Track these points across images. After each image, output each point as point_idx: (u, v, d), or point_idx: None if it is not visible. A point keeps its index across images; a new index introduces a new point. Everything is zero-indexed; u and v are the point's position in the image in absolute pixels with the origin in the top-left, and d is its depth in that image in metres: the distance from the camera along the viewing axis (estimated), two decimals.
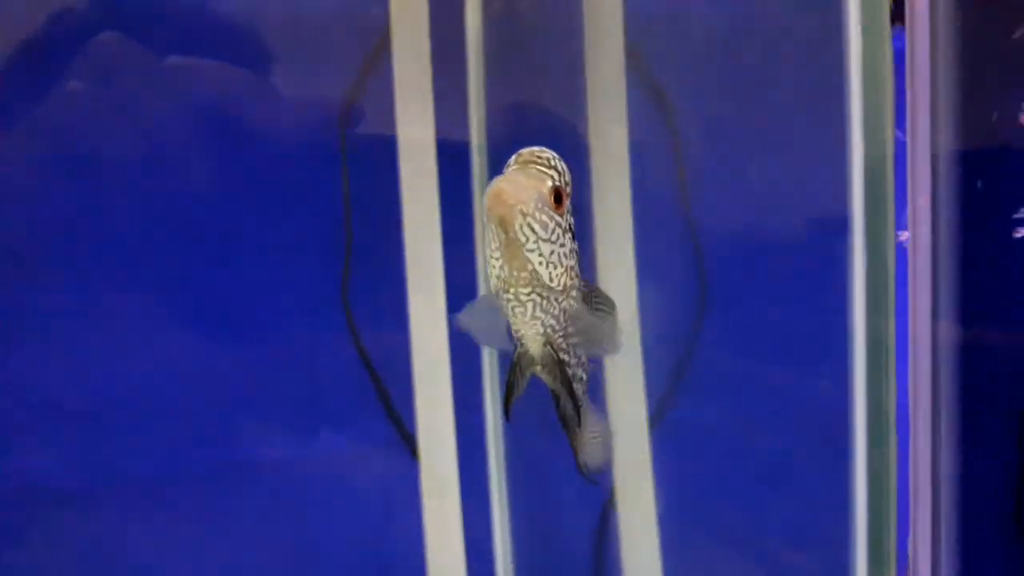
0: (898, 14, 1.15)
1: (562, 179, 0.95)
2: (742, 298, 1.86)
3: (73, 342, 1.97)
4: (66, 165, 2.09)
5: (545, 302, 0.95)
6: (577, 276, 0.97)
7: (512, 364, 1.03)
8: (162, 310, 2.18)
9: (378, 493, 2.26)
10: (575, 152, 1.99)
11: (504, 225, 0.89)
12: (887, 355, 1.40)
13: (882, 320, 1.32)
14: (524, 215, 0.89)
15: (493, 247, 0.94)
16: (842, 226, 1.34)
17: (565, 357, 1.01)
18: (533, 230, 0.90)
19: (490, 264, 0.96)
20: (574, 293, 0.97)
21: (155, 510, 2.14)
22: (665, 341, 2.00)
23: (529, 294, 0.94)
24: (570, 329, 0.99)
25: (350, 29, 2.07)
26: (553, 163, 0.94)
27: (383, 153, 2.01)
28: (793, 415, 1.78)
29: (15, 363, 1.99)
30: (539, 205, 0.90)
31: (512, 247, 0.90)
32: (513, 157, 0.95)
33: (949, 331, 1.42)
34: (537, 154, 0.94)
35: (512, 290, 0.94)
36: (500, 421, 2.26)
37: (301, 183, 2.14)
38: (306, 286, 2.16)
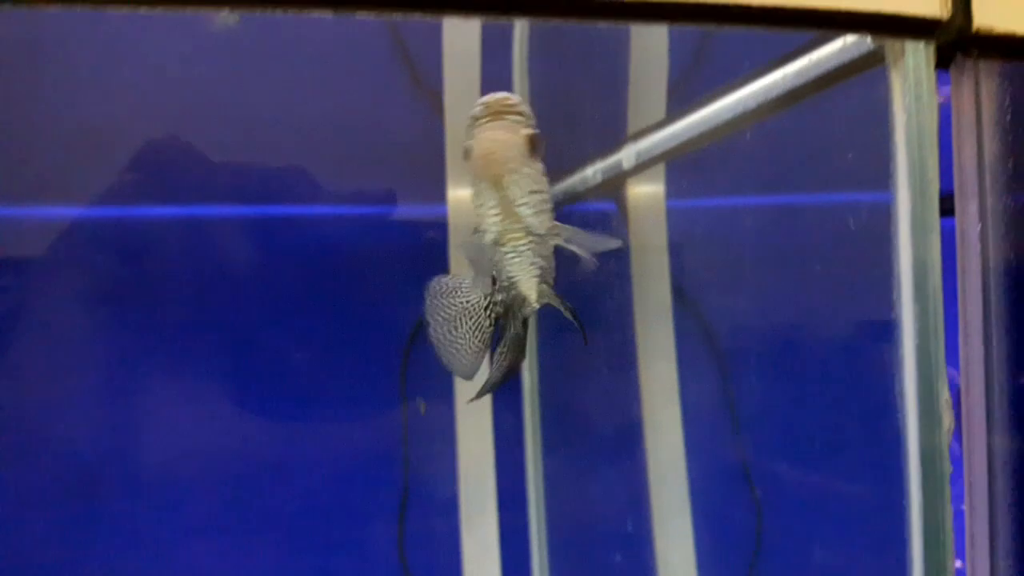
0: (947, 209, 1.12)
1: (531, 124, 0.97)
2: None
3: None
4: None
5: (538, 247, 1.01)
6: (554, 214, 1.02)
7: (507, 311, 1.05)
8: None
9: None
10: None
11: (499, 184, 0.92)
12: None
13: None
14: (516, 172, 0.92)
15: (489, 205, 0.96)
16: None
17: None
18: (526, 186, 0.94)
19: (486, 220, 0.98)
20: (556, 231, 1.03)
21: None
22: None
23: (527, 243, 0.99)
24: (571, 245, 1.04)
25: None
26: (520, 108, 0.96)
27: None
28: None
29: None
30: (526, 159, 0.93)
31: (507, 202, 0.94)
32: (481, 106, 0.97)
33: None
34: (505, 102, 0.95)
35: (510, 243, 0.98)
36: None
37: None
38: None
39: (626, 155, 1.81)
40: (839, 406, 1.63)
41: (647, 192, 2.25)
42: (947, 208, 1.14)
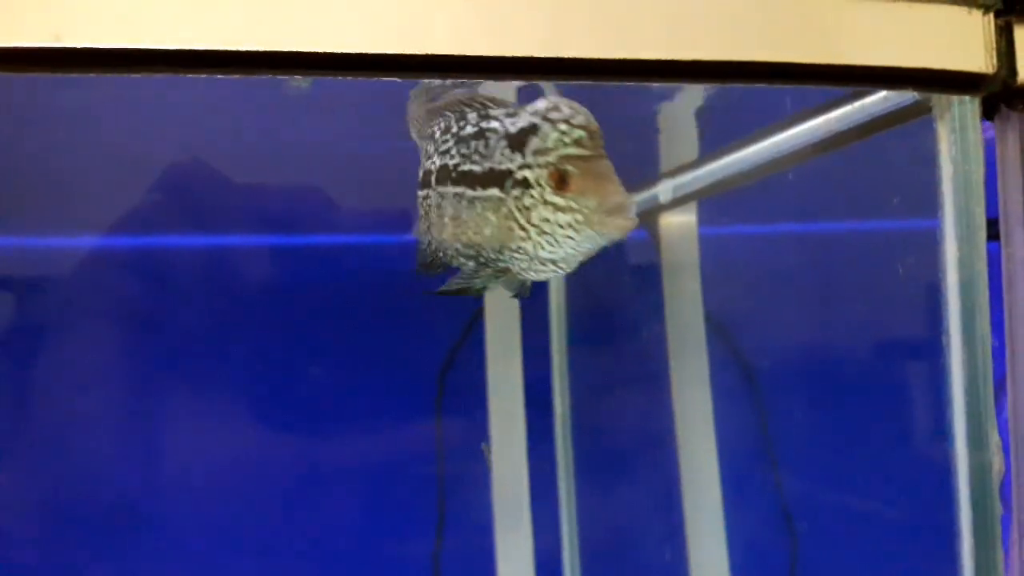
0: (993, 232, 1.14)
1: None
2: None
3: None
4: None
5: None
6: None
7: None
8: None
9: None
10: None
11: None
12: None
13: None
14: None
15: (579, 245, 0.93)
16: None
17: None
18: None
19: (549, 244, 0.94)
20: None
21: None
22: None
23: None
24: None
25: None
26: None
27: None
28: None
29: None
30: None
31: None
32: (583, 130, 0.91)
33: None
34: (596, 132, 0.91)
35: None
36: None
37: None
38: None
39: (663, 190, 1.84)
40: (882, 438, 1.65)
41: (680, 221, 2.28)
42: (992, 233, 1.15)
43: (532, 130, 0.93)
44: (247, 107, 1.89)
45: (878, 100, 1.20)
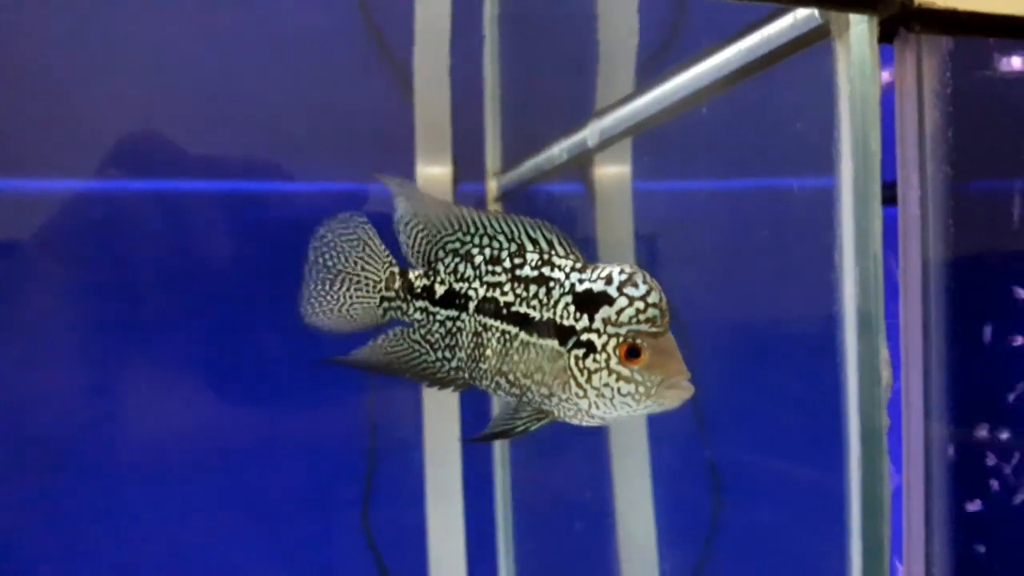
0: (891, 197, 1.16)
1: None
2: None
3: None
4: None
5: None
6: None
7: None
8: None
9: None
10: None
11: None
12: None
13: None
14: None
15: (634, 408, 0.95)
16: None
17: None
18: None
19: (597, 399, 0.95)
20: None
21: None
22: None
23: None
24: None
25: None
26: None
27: None
28: None
29: None
30: None
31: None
32: (656, 309, 0.93)
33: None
34: (666, 310, 0.94)
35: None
36: None
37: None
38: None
39: (590, 133, 1.84)
40: (788, 368, 1.69)
41: (614, 173, 2.29)
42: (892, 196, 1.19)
43: (604, 298, 0.94)
44: None
45: (785, 29, 1.22)
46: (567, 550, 2.37)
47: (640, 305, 0.93)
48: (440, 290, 1.04)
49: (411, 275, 1.05)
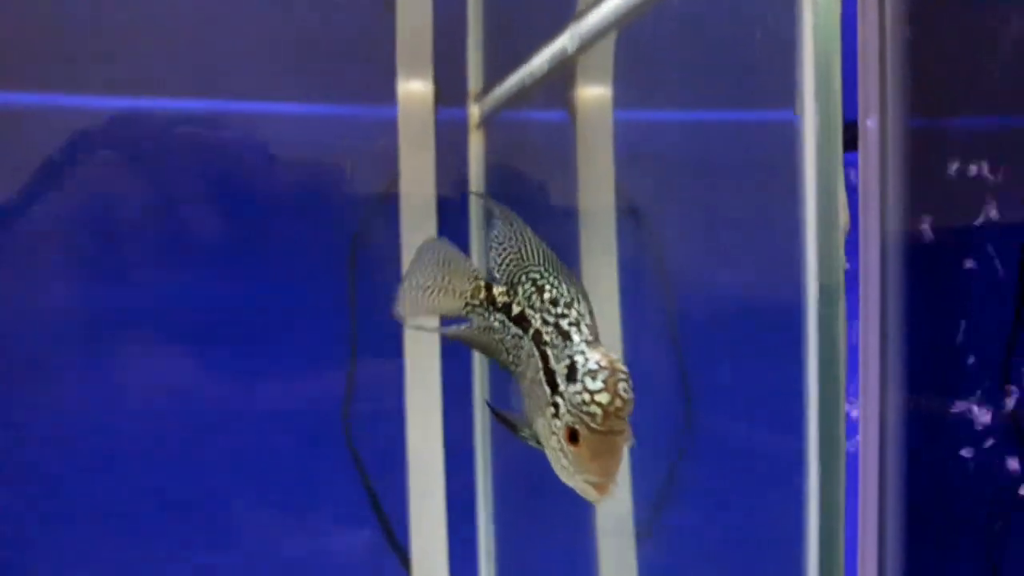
0: (852, 142, 1.19)
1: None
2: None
3: None
4: None
5: None
6: None
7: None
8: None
9: None
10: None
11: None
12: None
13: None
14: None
15: (575, 480, 1.02)
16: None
17: None
18: None
19: (554, 459, 1.04)
20: None
21: None
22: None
23: None
24: None
25: None
26: (631, 408, 1.01)
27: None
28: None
29: None
30: None
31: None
32: (599, 408, 0.98)
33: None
34: (620, 410, 0.98)
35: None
36: (493, 533, 2.33)
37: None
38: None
39: (570, 38, 1.84)
40: (754, 288, 1.72)
41: (596, 100, 2.29)
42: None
43: (573, 375, 1.02)
44: None
45: None
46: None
47: (587, 397, 0.99)
48: (516, 310, 1.16)
49: (495, 290, 1.19)
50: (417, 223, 2.28)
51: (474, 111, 2.48)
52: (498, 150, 2.47)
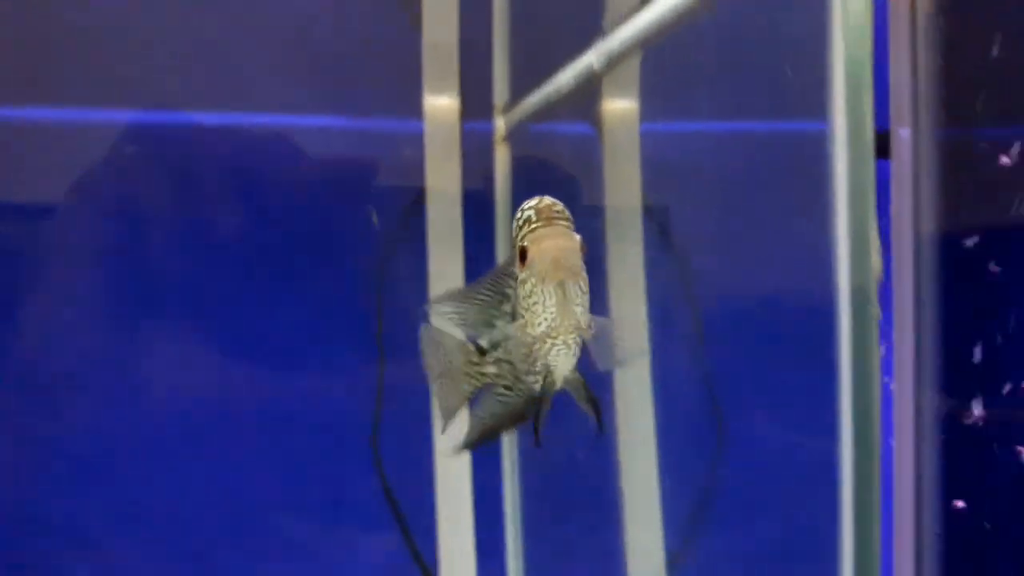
0: (883, 149, 1.18)
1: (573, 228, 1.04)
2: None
3: None
4: None
5: (579, 340, 1.07)
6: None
7: (540, 395, 1.13)
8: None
9: None
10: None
11: (563, 288, 0.99)
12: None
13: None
14: (579, 277, 1.00)
15: (548, 304, 1.01)
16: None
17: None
18: (582, 289, 1.02)
19: (535, 316, 1.03)
20: (592, 326, 1.09)
21: None
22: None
23: (574, 338, 1.06)
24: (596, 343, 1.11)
25: None
26: (567, 214, 1.02)
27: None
28: None
29: None
30: (581, 263, 1.00)
31: (566, 304, 1.01)
32: (532, 210, 1.01)
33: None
34: (555, 208, 1.01)
35: (561, 337, 1.05)
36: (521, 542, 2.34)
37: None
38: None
39: (596, 56, 1.84)
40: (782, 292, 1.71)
41: (622, 109, 2.29)
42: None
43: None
44: None
45: None
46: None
47: (518, 214, 1.03)
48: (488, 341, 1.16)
49: (472, 346, 1.19)
50: (443, 235, 2.29)
51: (500, 124, 2.48)
52: (523, 163, 2.47)
